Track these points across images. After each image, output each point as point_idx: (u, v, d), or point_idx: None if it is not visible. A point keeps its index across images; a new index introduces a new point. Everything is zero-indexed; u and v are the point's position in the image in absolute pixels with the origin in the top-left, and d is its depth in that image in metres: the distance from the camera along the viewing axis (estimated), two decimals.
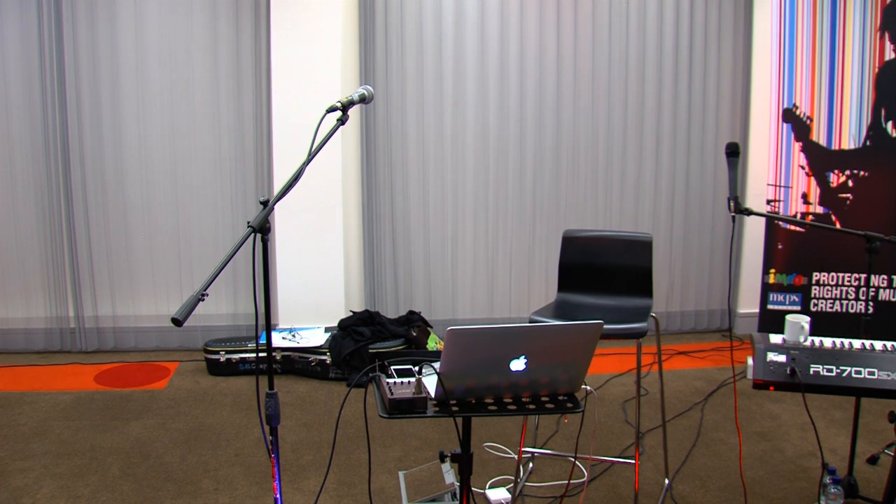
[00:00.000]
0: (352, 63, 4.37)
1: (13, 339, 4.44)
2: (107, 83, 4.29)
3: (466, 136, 4.56)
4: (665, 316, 4.89)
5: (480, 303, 4.76)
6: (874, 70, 4.19)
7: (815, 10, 4.18)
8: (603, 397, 3.72)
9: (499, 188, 4.65)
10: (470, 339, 1.65)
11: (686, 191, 4.79)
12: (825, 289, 4.23)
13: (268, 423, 1.82)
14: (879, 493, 2.61)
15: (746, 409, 3.55)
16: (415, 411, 1.71)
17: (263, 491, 2.76)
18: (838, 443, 3.16)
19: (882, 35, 4.14)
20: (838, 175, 4.19)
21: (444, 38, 4.46)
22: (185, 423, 3.38)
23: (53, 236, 4.37)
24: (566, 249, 2.86)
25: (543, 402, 1.78)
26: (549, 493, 2.77)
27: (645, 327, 2.46)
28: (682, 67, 4.65)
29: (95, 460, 2.99)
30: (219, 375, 4.05)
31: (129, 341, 4.51)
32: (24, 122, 4.28)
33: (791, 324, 2.30)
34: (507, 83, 4.54)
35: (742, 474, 2.82)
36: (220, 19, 4.31)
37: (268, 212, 1.76)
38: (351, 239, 4.47)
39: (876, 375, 2.13)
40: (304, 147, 1.93)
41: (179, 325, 1.56)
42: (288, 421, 3.41)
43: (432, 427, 3.33)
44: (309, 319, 4.34)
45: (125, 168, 4.38)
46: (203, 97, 4.37)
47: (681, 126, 4.72)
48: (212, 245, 4.48)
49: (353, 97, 2.07)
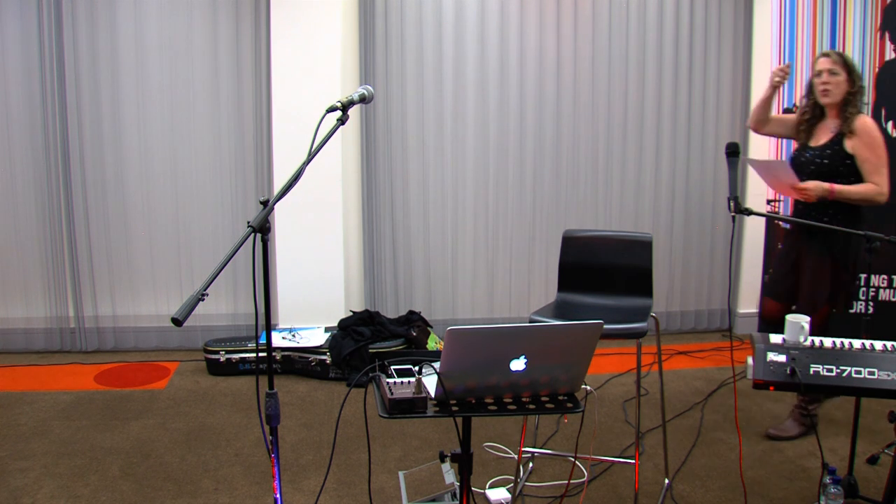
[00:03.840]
0: (352, 63, 4.37)
1: (13, 339, 4.43)
2: (107, 83, 4.29)
3: (466, 135, 4.56)
4: (665, 316, 4.89)
5: (480, 303, 4.76)
6: (874, 70, 4.19)
7: (815, 10, 4.18)
8: (603, 397, 3.72)
9: (499, 188, 4.65)
10: (470, 339, 1.65)
11: (686, 191, 4.79)
12: None
13: (268, 423, 1.82)
14: (879, 493, 2.61)
15: (746, 408, 3.55)
16: (415, 411, 1.71)
17: (263, 491, 2.76)
18: (838, 443, 3.16)
19: (882, 35, 4.14)
20: None
21: (444, 38, 4.46)
22: (185, 423, 3.38)
23: (53, 236, 4.37)
24: (566, 249, 2.86)
25: (543, 402, 1.78)
26: (549, 493, 2.77)
27: (645, 327, 2.47)
28: (682, 67, 4.65)
29: (95, 460, 2.99)
30: (219, 375, 4.05)
31: (129, 341, 4.51)
32: (24, 121, 4.28)
33: (791, 324, 2.30)
34: (507, 83, 4.54)
35: (742, 474, 2.82)
36: (220, 19, 4.31)
37: (268, 212, 1.76)
38: (351, 239, 4.47)
39: (876, 375, 2.12)
40: (304, 147, 1.93)
41: (179, 324, 1.56)
42: (288, 421, 3.41)
43: (432, 427, 3.33)
44: (309, 319, 4.33)
45: (125, 168, 4.38)
46: (203, 97, 4.37)
47: (681, 126, 4.72)
48: (212, 245, 4.48)
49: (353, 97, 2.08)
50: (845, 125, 2.98)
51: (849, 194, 2.95)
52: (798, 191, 2.95)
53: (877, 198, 2.97)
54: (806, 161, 3.07)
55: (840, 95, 3.00)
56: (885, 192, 2.97)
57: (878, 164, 2.96)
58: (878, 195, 2.96)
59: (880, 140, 2.98)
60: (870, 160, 2.95)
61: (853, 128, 2.96)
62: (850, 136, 2.97)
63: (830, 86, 2.99)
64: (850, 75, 2.99)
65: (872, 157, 2.95)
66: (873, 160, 2.95)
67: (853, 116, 2.98)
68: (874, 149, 2.96)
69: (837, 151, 2.99)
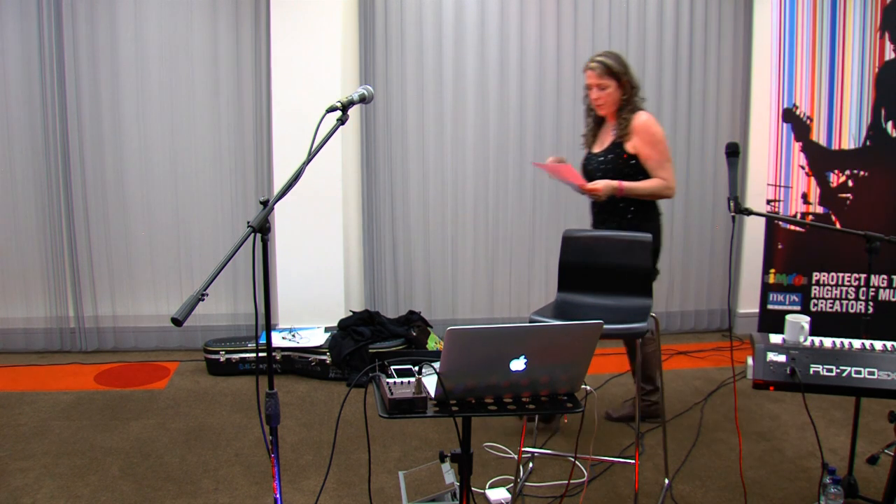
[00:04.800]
0: (352, 63, 4.37)
1: (13, 339, 4.44)
2: (107, 83, 4.29)
3: (466, 135, 4.56)
4: (665, 316, 4.89)
5: (480, 303, 4.76)
6: (874, 70, 4.19)
7: (815, 10, 4.18)
8: (603, 397, 3.72)
9: (499, 188, 4.65)
10: (470, 339, 1.65)
11: (686, 191, 4.79)
12: (825, 289, 4.23)
13: (268, 423, 1.82)
14: (879, 493, 2.61)
15: (746, 409, 3.55)
16: (415, 411, 1.71)
17: (263, 491, 2.76)
18: (838, 443, 3.16)
19: (882, 35, 4.14)
20: (838, 175, 4.19)
21: (443, 38, 4.46)
22: (185, 423, 3.38)
23: (53, 236, 4.37)
24: (566, 249, 2.86)
25: (543, 402, 1.78)
26: (549, 493, 2.77)
27: (645, 327, 2.47)
28: (682, 67, 4.65)
29: (95, 460, 2.99)
30: (219, 375, 4.05)
31: (129, 341, 4.51)
32: (24, 121, 4.28)
33: (791, 324, 2.30)
34: (507, 82, 4.54)
35: (742, 474, 2.81)
36: (219, 19, 4.31)
37: (268, 212, 1.76)
38: (351, 239, 4.47)
39: (876, 375, 2.13)
40: (304, 147, 1.93)
41: (179, 324, 1.56)
42: (288, 421, 3.41)
43: (432, 427, 3.33)
44: (309, 319, 4.33)
45: (125, 168, 4.38)
46: (203, 97, 4.37)
47: (681, 126, 4.71)
48: (212, 245, 4.48)
49: (353, 97, 2.08)
50: (622, 129, 3.04)
51: (637, 190, 3.01)
52: (588, 191, 3.00)
53: (665, 192, 3.05)
54: (593, 168, 3.15)
55: (614, 105, 3.07)
56: (673, 186, 3.05)
57: (661, 159, 3.03)
58: (665, 189, 3.03)
59: (660, 135, 3.04)
60: (652, 157, 3.02)
61: (630, 129, 3.03)
62: (630, 137, 3.03)
63: (601, 100, 3.07)
64: (620, 80, 3.04)
65: (654, 154, 3.01)
66: (655, 156, 3.01)
67: (629, 118, 3.04)
68: (654, 145, 3.02)
69: (619, 154, 3.05)
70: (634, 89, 3.09)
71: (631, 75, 3.09)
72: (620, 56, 3.11)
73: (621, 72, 3.04)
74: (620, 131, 3.05)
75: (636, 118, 3.04)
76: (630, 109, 3.05)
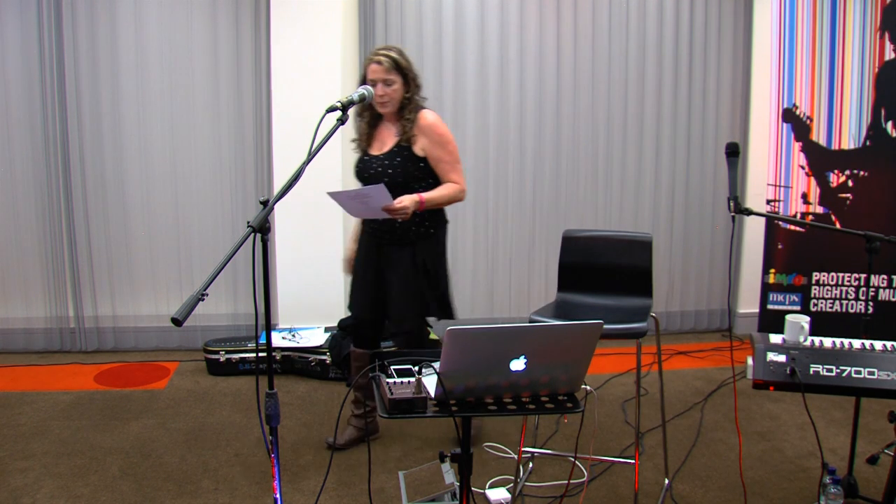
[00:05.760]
0: (352, 63, 4.37)
1: (13, 339, 4.44)
2: (107, 83, 4.29)
3: (466, 135, 4.56)
4: (665, 316, 4.89)
5: (480, 303, 4.75)
6: (874, 70, 4.19)
7: (815, 10, 4.18)
8: (603, 397, 3.72)
9: (499, 188, 4.65)
10: (470, 339, 1.65)
11: (686, 191, 4.79)
12: (825, 289, 4.23)
13: (268, 423, 1.82)
14: (879, 493, 2.61)
15: (746, 409, 3.55)
16: (415, 411, 1.71)
17: (263, 491, 2.76)
18: (838, 443, 3.16)
19: (882, 35, 4.14)
20: (838, 175, 4.19)
21: (443, 38, 4.46)
22: (184, 423, 3.38)
23: (53, 236, 4.37)
24: (566, 249, 2.86)
25: (543, 402, 1.78)
26: (549, 493, 2.77)
27: (645, 327, 2.46)
28: (682, 67, 4.65)
29: (95, 460, 2.99)
30: (219, 375, 4.05)
31: (129, 341, 4.51)
32: (24, 122, 4.28)
33: (791, 324, 2.30)
34: (507, 83, 4.54)
35: (742, 474, 2.81)
36: (220, 19, 4.31)
37: (268, 212, 1.76)
38: None
39: (876, 375, 2.12)
40: (304, 147, 1.93)
41: (179, 324, 1.56)
42: (288, 421, 3.41)
43: (432, 427, 3.33)
44: (309, 319, 4.33)
45: (125, 168, 4.38)
46: (203, 97, 4.37)
47: (681, 126, 4.71)
48: (212, 245, 4.48)
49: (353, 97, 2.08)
50: (407, 129, 2.82)
51: (438, 200, 2.83)
52: (393, 211, 2.66)
53: (460, 195, 2.89)
54: (375, 172, 2.88)
55: (397, 103, 2.84)
56: (465, 188, 2.91)
57: (453, 160, 2.86)
58: (460, 192, 2.88)
59: (449, 135, 2.87)
60: (443, 159, 2.84)
61: (417, 130, 2.83)
62: (417, 138, 2.83)
63: (386, 97, 2.81)
64: (406, 77, 2.83)
65: (446, 156, 2.85)
66: (447, 158, 2.85)
67: (414, 118, 2.83)
68: (445, 146, 2.85)
69: (407, 157, 2.83)
70: (418, 87, 2.89)
71: (416, 72, 2.88)
72: (404, 51, 2.88)
73: (408, 68, 2.84)
74: (405, 132, 2.82)
75: (422, 117, 2.83)
76: (413, 108, 2.84)
